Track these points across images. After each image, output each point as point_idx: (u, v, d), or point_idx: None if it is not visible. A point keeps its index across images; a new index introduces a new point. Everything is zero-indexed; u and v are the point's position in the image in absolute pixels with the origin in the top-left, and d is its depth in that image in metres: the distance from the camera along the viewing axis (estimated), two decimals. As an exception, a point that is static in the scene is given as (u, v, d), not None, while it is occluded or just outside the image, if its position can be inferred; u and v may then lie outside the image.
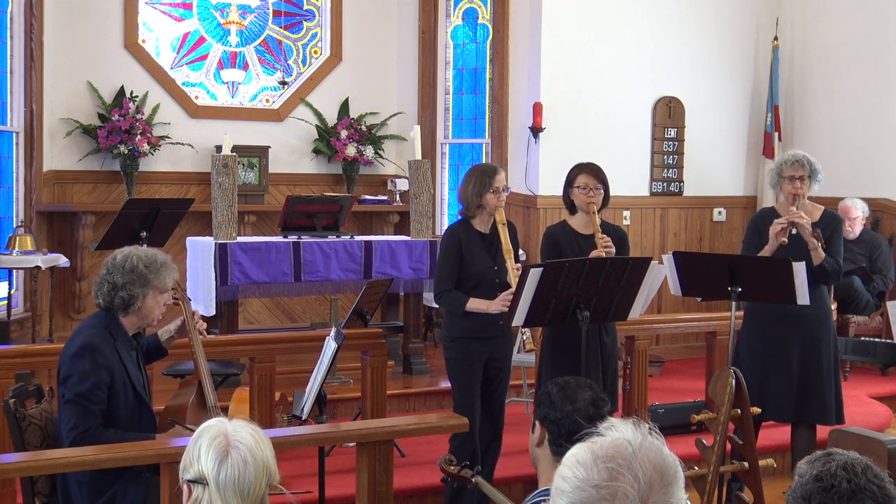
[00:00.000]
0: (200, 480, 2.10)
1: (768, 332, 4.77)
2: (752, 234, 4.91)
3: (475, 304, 4.42)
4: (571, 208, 4.67)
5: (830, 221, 4.81)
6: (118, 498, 3.49)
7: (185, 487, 2.14)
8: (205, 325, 4.05)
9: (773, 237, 4.66)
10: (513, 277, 4.35)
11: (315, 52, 9.03)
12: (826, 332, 4.80)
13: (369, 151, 8.76)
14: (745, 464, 3.96)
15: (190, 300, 4.11)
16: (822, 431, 4.83)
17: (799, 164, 4.75)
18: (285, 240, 6.39)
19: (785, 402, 4.73)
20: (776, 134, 8.61)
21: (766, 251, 4.69)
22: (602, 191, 4.57)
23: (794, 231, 4.67)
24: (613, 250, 4.43)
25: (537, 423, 2.74)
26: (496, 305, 4.36)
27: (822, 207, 4.92)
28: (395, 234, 8.48)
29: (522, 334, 4.30)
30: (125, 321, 3.66)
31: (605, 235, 4.48)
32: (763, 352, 4.77)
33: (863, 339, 6.97)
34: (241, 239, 6.41)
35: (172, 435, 3.57)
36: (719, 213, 8.68)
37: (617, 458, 1.57)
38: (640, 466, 1.56)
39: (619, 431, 1.62)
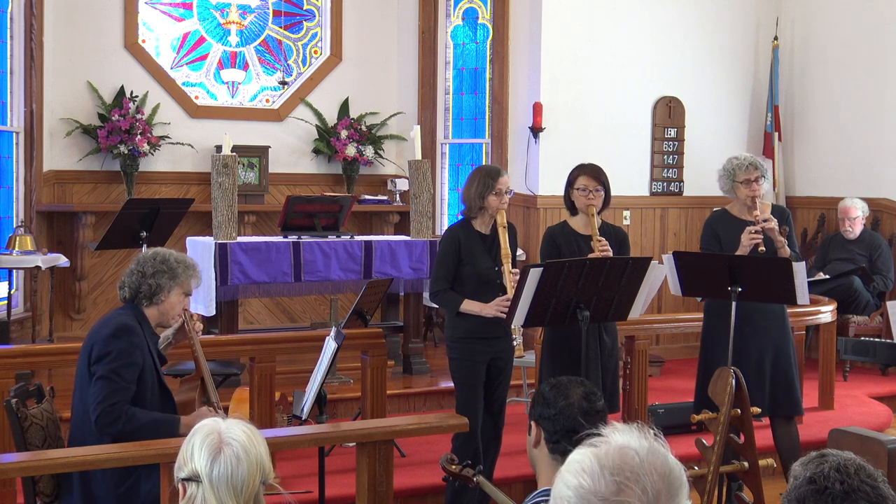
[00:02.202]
0: (194, 478, 2.12)
1: (738, 330, 4.77)
2: (710, 237, 4.95)
3: (469, 306, 4.42)
4: (572, 209, 4.67)
5: (781, 215, 4.88)
6: (143, 479, 3.53)
7: (180, 486, 2.16)
8: (202, 326, 4.11)
9: (745, 245, 4.67)
10: (509, 284, 4.35)
11: (315, 52, 9.03)
12: (786, 327, 4.88)
13: (369, 151, 8.76)
14: (745, 464, 3.97)
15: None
16: (822, 432, 4.84)
17: (753, 166, 4.81)
18: (285, 240, 6.39)
19: (758, 400, 4.74)
20: (776, 134, 8.61)
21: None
22: (602, 192, 4.58)
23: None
24: (610, 253, 4.43)
25: (532, 423, 2.76)
26: (490, 310, 4.36)
27: (770, 203, 5.00)
28: (395, 234, 8.48)
29: (514, 340, 4.30)
30: (147, 312, 3.75)
31: (602, 238, 4.47)
32: (736, 350, 4.77)
33: (863, 339, 6.96)
34: (241, 239, 6.42)
35: (199, 416, 3.59)
36: (719, 213, 8.68)
37: (624, 469, 1.53)
38: (648, 478, 1.52)
39: (623, 437, 1.58)
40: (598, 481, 1.52)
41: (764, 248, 4.65)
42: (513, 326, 4.22)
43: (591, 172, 4.60)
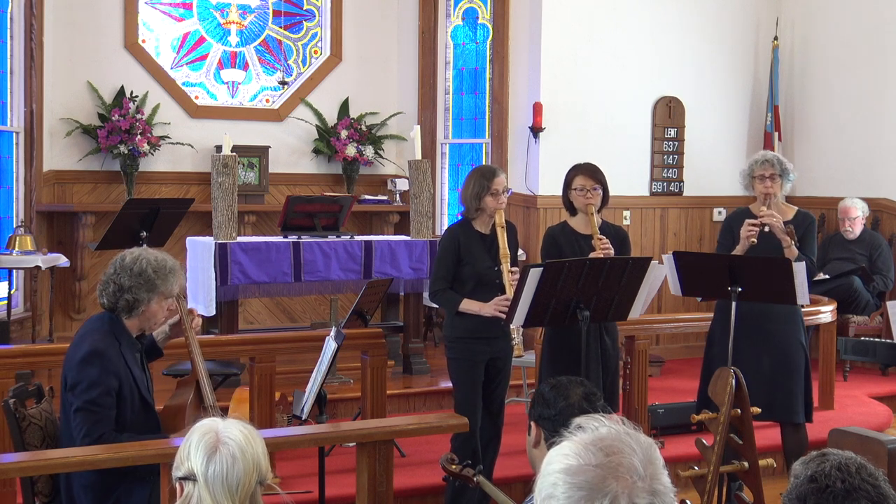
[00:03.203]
0: (190, 476, 2.13)
1: (739, 333, 4.76)
2: (725, 234, 4.95)
3: (468, 306, 4.42)
4: (571, 210, 4.67)
5: (803, 220, 4.85)
6: (123, 499, 3.48)
7: (177, 486, 2.17)
8: (200, 320, 4.04)
9: (743, 239, 4.67)
10: (507, 283, 4.35)
11: (315, 52, 9.03)
12: (795, 332, 4.81)
13: (369, 151, 8.76)
14: (745, 464, 3.96)
15: (185, 298, 4.10)
16: (822, 432, 4.83)
17: (769, 163, 4.80)
18: (285, 240, 6.38)
19: (762, 401, 4.73)
20: (776, 134, 8.61)
21: (737, 252, 4.70)
22: (600, 191, 4.57)
23: (766, 229, 4.68)
24: (612, 252, 4.43)
25: (532, 423, 2.75)
26: (489, 309, 4.36)
27: (796, 208, 4.97)
28: (395, 234, 8.48)
29: (513, 340, 4.29)
30: (127, 323, 3.63)
31: (603, 237, 4.47)
32: (739, 352, 4.75)
33: (863, 339, 6.96)
34: (241, 239, 6.41)
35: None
36: (719, 213, 8.68)
37: (606, 439, 1.55)
38: (634, 440, 1.55)
39: (591, 427, 1.61)
40: (586, 455, 1.53)
41: (755, 241, 4.64)
42: (512, 326, 4.21)
43: (587, 172, 4.60)
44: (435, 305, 5.67)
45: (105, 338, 3.54)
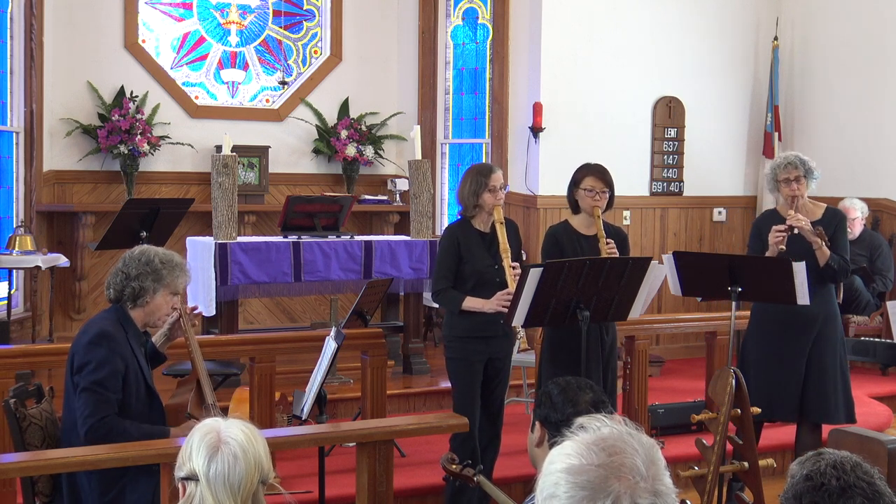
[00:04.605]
0: (192, 477, 2.13)
1: (778, 334, 4.75)
2: (755, 238, 4.91)
3: (471, 303, 4.42)
4: (574, 208, 4.66)
5: (833, 218, 4.80)
6: (129, 489, 3.50)
7: (179, 486, 2.17)
8: (199, 316, 4.05)
9: (772, 245, 4.64)
10: (509, 277, 4.35)
11: (315, 52, 9.03)
12: (834, 333, 4.79)
13: (369, 151, 8.76)
14: (745, 464, 3.96)
15: (185, 302, 4.10)
16: (822, 432, 4.84)
17: (792, 165, 4.73)
18: (285, 240, 6.39)
19: (792, 403, 4.72)
20: (776, 134, 8.60)
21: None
22: (608, 194, 4.57)
23: (795, 232, 4.65)
24: (617, 255, 4.43)
25: (537, 423, 2.73)
26: (492, 305, 4.36)
27: (825, 205, 4.89)
28: (395, 234, 8.48)
29: (517, 335, 4.29)
30: (133, 314, 3.68)
31: (610, 241, 4.48)
32: (774, 353, 4.75)
33: (863, 339, 6.97)
34: (241, 239, 6.41)
35: (187, 428, 3.57)
36: (719, 213, 8.68)
37: (609, 440, 1.55)
38: (636, 441, 1.55)
39: (593, 427, 1.60)
40: (588, 455, 1.53)
41: (784, 248, 4.59)
42: (513, 325, 4.21)
43: (598, 174, 4.58)
44: (436, 305, 5.67)
45: (113, 324, 3.61)
